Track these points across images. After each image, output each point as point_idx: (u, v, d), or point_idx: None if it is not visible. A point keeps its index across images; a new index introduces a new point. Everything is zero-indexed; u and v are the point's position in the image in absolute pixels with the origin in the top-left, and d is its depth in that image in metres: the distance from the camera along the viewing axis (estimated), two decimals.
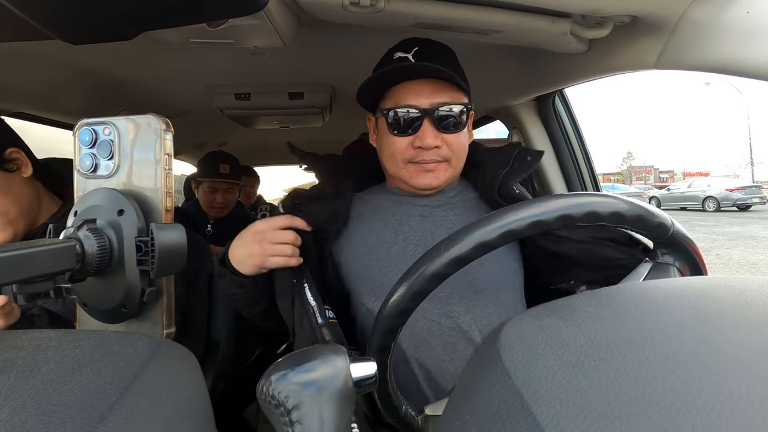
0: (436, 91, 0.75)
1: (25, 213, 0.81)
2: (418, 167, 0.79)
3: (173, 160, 0.39)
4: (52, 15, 0.56)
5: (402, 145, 0.78)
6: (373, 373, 0.36)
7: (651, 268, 0.46)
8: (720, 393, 0.16)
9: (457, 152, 0.79)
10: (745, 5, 0.60)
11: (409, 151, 0.78)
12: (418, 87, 0.75)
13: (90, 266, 0.35)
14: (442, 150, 0.78)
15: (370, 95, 0.81)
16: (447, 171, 0.80)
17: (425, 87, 0.75)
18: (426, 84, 0.75)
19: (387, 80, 0.77)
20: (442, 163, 0.79)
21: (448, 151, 0.78)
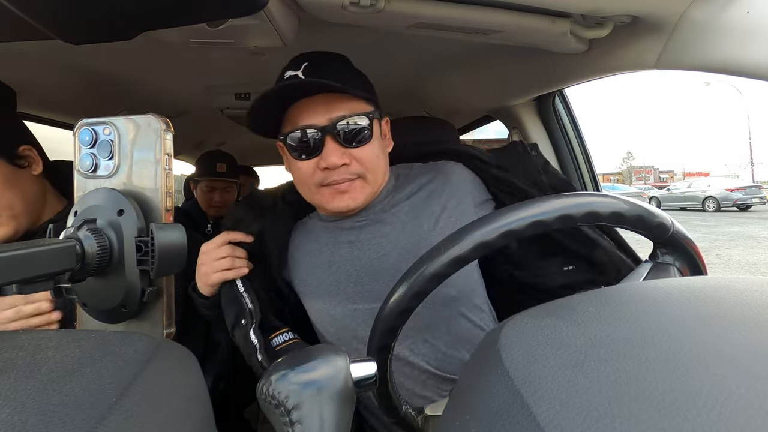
0: (332, 106, 0.70)
1: (29, 209, 0.83)
2: (332, 190, 0.73)
3: (173, 160, 0.39)
4: (52, 15, 0.56)
5: (308, 169, 0.73)
6: (373, 373, 0.36)
7: (651, 268, 0.46)
8: (720, 393, 0.16)
9: (369, 166, 0.74)
10: (745, 5, 0.60)
11: (317, 174, 0.73)
12: (313, 104, 0.71)
13: (90, 266, 0.35)
14: (352, 167, 0.72)
15: (266, 121, 0.76)
16: (364, 188, 0.75)
17: (320, 103, 0.70)
18: (320, 100, 0.71)
19: (276, 102, 0.72)
20: (356, 181, 0.74)
21: (359, 167, 0.73)
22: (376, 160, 0.75)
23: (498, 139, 2.00)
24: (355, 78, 0.77)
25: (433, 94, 1.47)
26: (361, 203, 0.75)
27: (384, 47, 1.07)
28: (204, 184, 1.94)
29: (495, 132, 1.96)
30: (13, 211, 0.80)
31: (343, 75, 0.73)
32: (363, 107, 0.73)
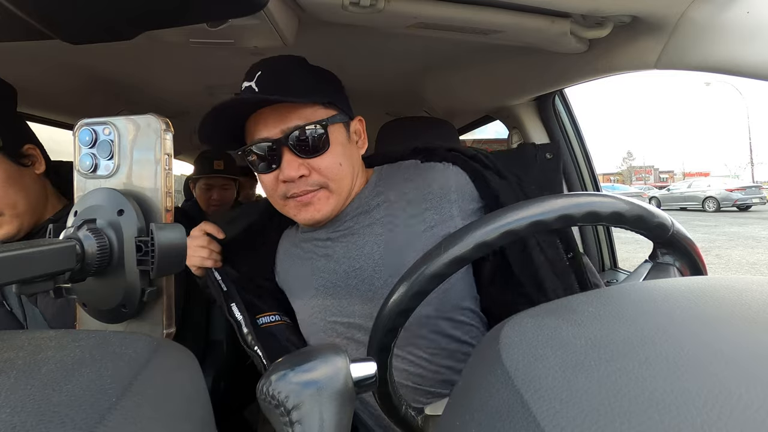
0: (283, 117, 0.68)
1: (32, 208, 0.84)
2: (295, 202, 0.72)
3: (173, 160, 0.39)
4: (52, 15, 0.56)
5: (271, 182, 0.72)
6: (373, 373, 0.36)
7: (651, 268, 0.46)
8: (720, 393, 0.16)
9: (331, 175, 0.71)
10: (745, 5, 0.60)
11: (280, 188, 0.72)
12: (266, 116, 0.69)
13: (90, 266, 0.35)
14: (312, 178, 0.70)
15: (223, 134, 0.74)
16: (329, 199, 0.72)
17: (272, 115, 0.69)
18: (273, 111, 0.69)
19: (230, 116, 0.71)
20: (319, 192, 0.72)
21: (319, 177, 0.70)
22: (338, 169, 0.72)
23: (498, 139, 2.00)
24: (311, 82, 0.72)
25: (433, 94, 1.47)
26: (327, 214, 0.73)
27: (384, 47, 1.07)
28: (202, 182, 1.94)
29: (494, 132, 1.96)
30: (16, 209, 0.81)
31: (298, 81, 0.70)
32: (318, 114, 0.70)
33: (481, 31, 0.81)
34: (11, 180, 0.79)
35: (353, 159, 0.76)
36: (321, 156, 0.70)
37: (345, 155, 0.73)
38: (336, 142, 0.71)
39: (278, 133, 0.69)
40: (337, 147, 0.72)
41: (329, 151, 0.70)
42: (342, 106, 0.74)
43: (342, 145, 0.73)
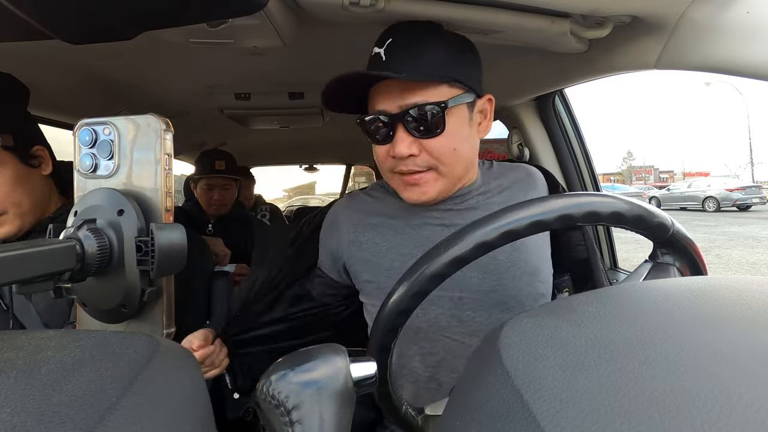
0: (405, 92, 0.66)
1: (35, 208, 0.85)
2: (402, 180, 0.71)
3: (173, 160, 0.39)
4: (52, 15, 0.56)
5: (382, 154, 0.71)
6: (373, 373, 0.36)
7: (651, 268, 0.46)
8: (720, 393, 0.16)
9: (442, 158, 0.69)
10: (745, 5, 0.60)
11: (389, 161, 0.71)
12: (387, 89, 0.68)
13: (90, 266, 0.35)
14: (421, 158, 0.68)
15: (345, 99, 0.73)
16: (437, 181, 0.70)
17: (394, 89, 0.67)
18: (394, 84, 0.67)
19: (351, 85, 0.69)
20: (427, 173, 0.70)
21: (429, 159, 0.69)
22: (451, 153, 0.69)
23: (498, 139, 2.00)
24: (441, 56, 0.68)
25: None
26: (433, 196, 0.71)
27: None
28: (203, 182, 1.94)
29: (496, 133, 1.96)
30: (21, 209, 0.81)
31: (429, 54, 0.67)
32: (442, 93, 0.67)
33: (481, 31, 0.81)
34: (19, 180, 0.80)
35: (470, 143, 0.72)
36: (435, 138, 0.68)
37: (462, 138, 0.70)
38: (453, 125, 0.69)
39: (396, 108, 0.67)
40: (454, 130, 0.69)
41: (444, 134, 0.68)
42: (471, 84, 0.70)
43: (460, 128, 0.70)
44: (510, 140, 1.40)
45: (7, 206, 0.80)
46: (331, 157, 3.32)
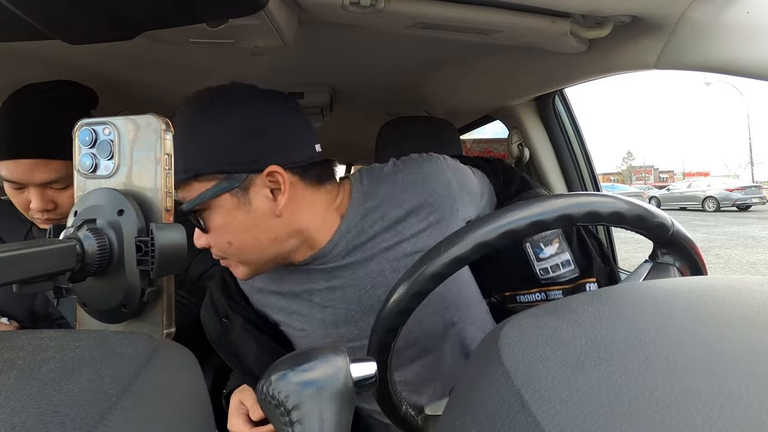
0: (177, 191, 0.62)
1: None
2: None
3: (173, 159, 0.39)
4: (52, 15, 0.56)
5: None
6: (373, 373, 0.36)
7: (651, 268, 0.46)
8: (720, 393, 0.16)
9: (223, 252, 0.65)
10: (745, 5, 0.60)
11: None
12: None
13: (90, 266, 0.35)
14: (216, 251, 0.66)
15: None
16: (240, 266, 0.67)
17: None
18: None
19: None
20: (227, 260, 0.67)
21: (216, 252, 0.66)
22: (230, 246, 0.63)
23: (497, 138, 2.00)
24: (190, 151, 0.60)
25: (433, 94, 1.47)
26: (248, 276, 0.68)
27: (384, 47, 1.07)
28: None
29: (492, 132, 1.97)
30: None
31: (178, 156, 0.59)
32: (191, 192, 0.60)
33: (481, 31, 0.81)
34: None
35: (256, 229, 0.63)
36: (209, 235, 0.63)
37: (236, 230, 0.62)
38: (216, 221, 0.62)
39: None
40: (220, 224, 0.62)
41: (211, 230, 0.63)
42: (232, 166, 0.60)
43: (228, 219, 0.62)
44: (510, 140, 1.40)
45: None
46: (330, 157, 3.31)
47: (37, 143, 0.79)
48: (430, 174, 0.71)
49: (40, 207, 0.81)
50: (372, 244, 0.69)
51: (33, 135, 0.79)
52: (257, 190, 0.62)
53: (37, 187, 0.81)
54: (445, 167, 0.72)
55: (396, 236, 0.69)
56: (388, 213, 0.69)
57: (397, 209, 0.69)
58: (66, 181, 0.81)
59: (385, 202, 0.69)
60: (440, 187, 0.70)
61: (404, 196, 0.69)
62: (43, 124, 0.80)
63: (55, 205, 0.83)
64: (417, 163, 0.73)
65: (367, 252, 0.69)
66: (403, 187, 0.70)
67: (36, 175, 0.79)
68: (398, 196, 0.70)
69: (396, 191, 0.70)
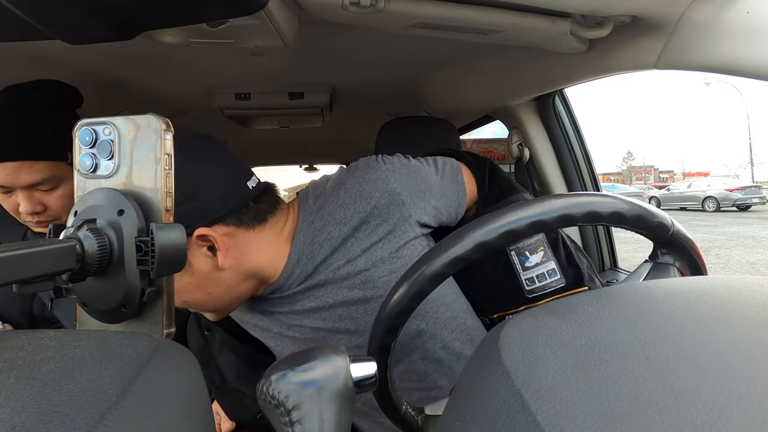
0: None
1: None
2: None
3: (173, 160, 0.39)
4: (52, 15, 0.56)
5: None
6: (373, 373, 0.36)
7: (651, 268, 0.46)
8: (719, 393, 0.16)
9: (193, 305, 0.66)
10: (745, 5, 0.60)
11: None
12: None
13: (90, 266, 0.35)
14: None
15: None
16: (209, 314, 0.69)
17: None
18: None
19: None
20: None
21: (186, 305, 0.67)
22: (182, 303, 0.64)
23: (497, 138, 2.00)
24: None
25: (433, 94, 1.47)
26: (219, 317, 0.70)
27: (384, 47, 1.07)
28: None
29: (491, 132, 1.97)
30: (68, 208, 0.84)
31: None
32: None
33: (481, 31, 0.81)
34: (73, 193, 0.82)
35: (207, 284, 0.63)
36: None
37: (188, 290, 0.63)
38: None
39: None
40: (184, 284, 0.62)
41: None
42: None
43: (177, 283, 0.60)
44: (510, 140, 1.40)
45: (63, 216, 0.83)
46: (331, 157, 3.32)
47: (20, 145, 0.78)
48: (374, 184, 0.69)
49: (28, 210, 0.81)
50: (324, 267, 0.67)
51: (15, 137, 0.79)
52: (194, 253, 0.61)
53: (23, 190, 0.80)
54: (389, 174, 0.69)
55: (346, 255, 0.67)
56: (335, 232, 0.67)
57: (343, 227, 0.67)
58: (53, 182, 0.81)
59: (330, 221, 0.67)
60: (384, 197, 0.68)
61: (349, 212, 0.67)
62: (26, 125, 0.79)
63: (44, 207, 0.83)
64: (360, 174, 0.70)
65: (320, 275, 0.67)
66: (347, 202, 0.68)
67: (21, 177, 0.79)
68: (343, 213, 0.68)
69: (340, 208, 0.68)
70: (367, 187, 0.68)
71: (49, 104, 0.82)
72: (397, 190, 0.68)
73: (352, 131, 2.15)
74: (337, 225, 0.67)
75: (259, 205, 0.65)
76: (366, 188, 0.68)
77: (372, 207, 0.67)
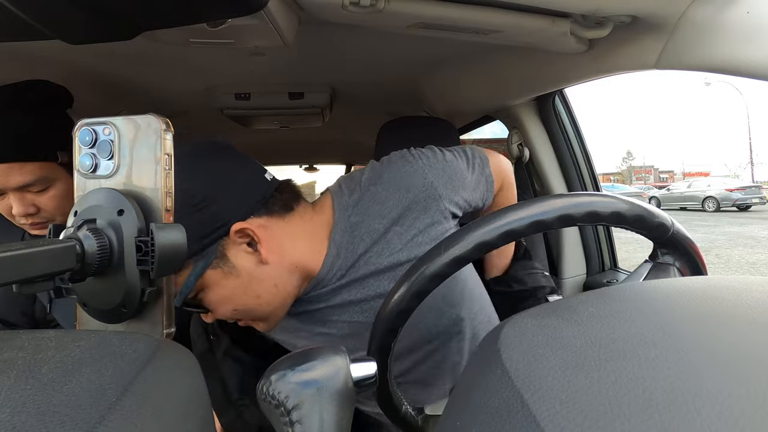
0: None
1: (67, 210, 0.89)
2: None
3: (173, 160, 0.39)
4: (52, 15, 0.56)
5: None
6: (373, 373, 0.36)
7: (651, 268, 0.46)
8: (720, 393, 0.16)
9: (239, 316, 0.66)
10: (745, 5, 0.60)
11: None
12: None
13: (90, 266, 0.35)
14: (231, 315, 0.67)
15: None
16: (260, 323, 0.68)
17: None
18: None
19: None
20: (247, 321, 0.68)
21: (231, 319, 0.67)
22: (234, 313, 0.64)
23: (497, 138, 2.00)
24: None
25: (432, 94, 1.47)
26: (270, 329, 0.69)
27: (384, 47, 1.07)
28: None
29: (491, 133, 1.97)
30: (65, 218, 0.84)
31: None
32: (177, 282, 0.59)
33: (481, 31, 0.81)
34: (68, 192, 0.82)
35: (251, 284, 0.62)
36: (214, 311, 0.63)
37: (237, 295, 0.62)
38: (213, 298, 0.62)
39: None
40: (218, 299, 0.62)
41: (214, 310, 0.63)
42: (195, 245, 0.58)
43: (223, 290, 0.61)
44: (510, 140, 1.40)
45: (57, 216, 0.83)
46: (331, 157, 3.32)
47: (8, 147, 0.78)
48: (411, 177, 0.69)
49: (21, 212, 0.81)
50: (364, 260, 0.68)
51: (3, 139, 0.79)
52: (235, 252, 0.61)
53: (15, 192, 0.80)
54: (426, 168, 0.70)
55: (387, 247, 0.67)
56: (374, 225, 0.68)
57: (382, 220, 0.68)
58: (44, 182, 0.81)
59: (369, 215, 0.68)
60: (422, 191, 0.68)
61: (387, 205, 0.68)
62: (13, 127, 0.79)
63: (37, 209, 0.83)
64: (396, 168, 0.71)
65: (361, 269, 0.68)
66: (384, 197, 0.68)
67: (11, 179, 0.79)
68: (380, 207, 0.68)
69: (377, 203, 0.68)
70: (405, 181, 0.69)
71: (37, 105, 0.82)
72: (434, 184, 0.69)
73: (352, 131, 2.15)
74: (375, 218, 0.68)
75: (282, 195, 0.66)
76: (404, 181, 0.69)
77: (410, 201, 0.68)
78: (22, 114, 0.80)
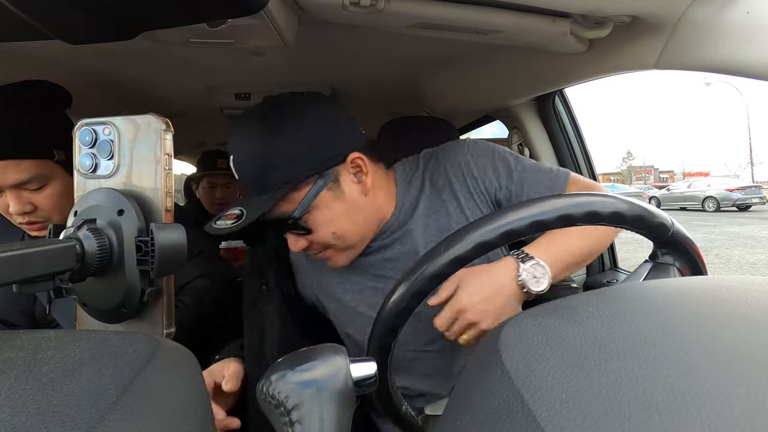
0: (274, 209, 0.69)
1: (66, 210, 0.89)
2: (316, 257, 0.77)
3: (173, 160, 0.39)
4: (52, 15, 0.56)
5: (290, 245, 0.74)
6: (373, 373, 0.36)
7: (651, 268, 0.46)
8: (719, 393, 0.16)
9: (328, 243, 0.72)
10: (745, 5, 0.60)
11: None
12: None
13: (90, 266, 0.35)
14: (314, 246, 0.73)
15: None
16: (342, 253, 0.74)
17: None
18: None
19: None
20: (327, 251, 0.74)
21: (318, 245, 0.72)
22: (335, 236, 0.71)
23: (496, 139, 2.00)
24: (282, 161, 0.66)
25: (433, 94, 1.47)
26: (346, 262, 0.76)
27: (384, 47, 1.07)
28: (205, 180, 1.95)
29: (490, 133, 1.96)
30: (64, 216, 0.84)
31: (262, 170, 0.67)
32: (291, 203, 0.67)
33: (481, 31, 0.81)
34: (66, 191, 0.82)
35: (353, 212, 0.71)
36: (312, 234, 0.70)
37: (337, 219, 0.70)
38: (319, 217, 0.69)
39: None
40: (323, 220, 0.69)
41: (315, 231, 0.69)
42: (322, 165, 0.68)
43: (329, 213, 0.69)
44: (510, 140, 1.40)
45: (55, 215, 0.84)
46: None
47: (4, 144, 0.79)
48: (455, 155, 0.79)
49: (17, 210, 0.81)
50: (418, 214, 0.77)
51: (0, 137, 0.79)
52: (345, 179, 0.70)
53: (11, 190, 0.81)
54: (465, 150, 0.79)
55: (437, 206, 0.77)
56: (426, 189, 0.78)
57: (434, 186, 0.78)
58: (40, 180, 0.81)
59: (425, 182, 0.79)
60: (461, 169, 0.77)
61: (436, 175, 0.79)
62: (9, 126, 0.79)
63: (34, 207, 0.83)
64: (444, 148, 0.82)
65: (415, 222, 0.77)
66: (435, 167, 0.80)
67: (8, 176, 0.79)
68: (432, 176, 0.79)
69: (428, 172, 0.79)
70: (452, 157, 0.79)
71: (35, 104, 0.83)
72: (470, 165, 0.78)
73: None
74: (429, 185, 0.78)
75: (375, 147, 0.77)
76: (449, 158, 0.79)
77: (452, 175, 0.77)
78: (20, 113, 0.81)
